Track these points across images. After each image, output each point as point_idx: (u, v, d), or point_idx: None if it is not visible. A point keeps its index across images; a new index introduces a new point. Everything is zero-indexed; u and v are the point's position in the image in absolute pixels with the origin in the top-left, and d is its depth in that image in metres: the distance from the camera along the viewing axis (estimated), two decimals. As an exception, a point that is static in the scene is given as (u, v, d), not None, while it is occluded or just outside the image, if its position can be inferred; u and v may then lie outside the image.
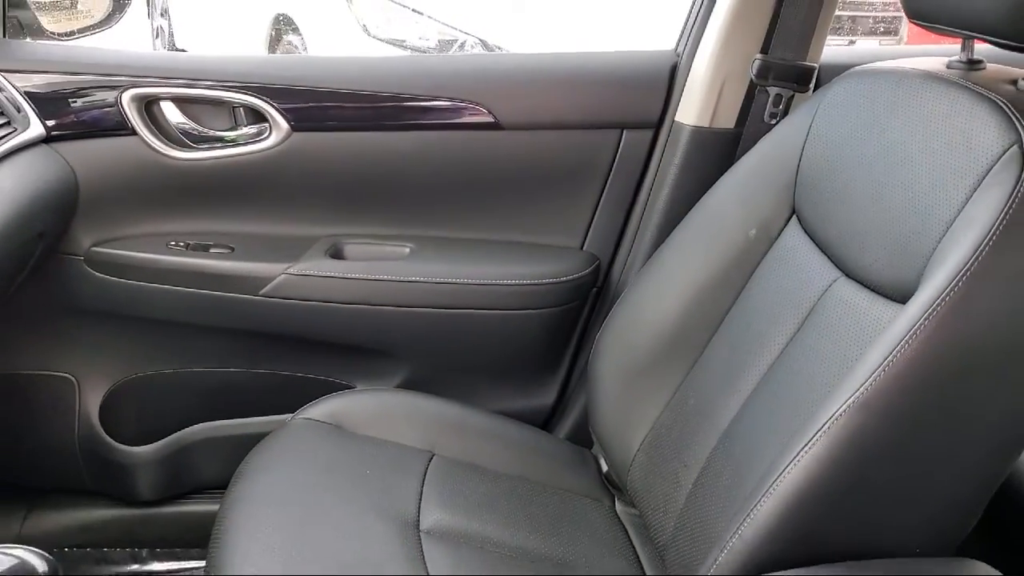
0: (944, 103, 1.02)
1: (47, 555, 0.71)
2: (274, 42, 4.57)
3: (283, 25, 4.44)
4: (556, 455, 1.49)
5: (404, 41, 4.00)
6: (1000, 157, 0.91)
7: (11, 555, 0.70)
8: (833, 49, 1.51)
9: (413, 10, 3.97)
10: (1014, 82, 1.02)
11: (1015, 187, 0.88)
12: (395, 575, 1.10)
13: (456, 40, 3.94)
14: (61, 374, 1.52)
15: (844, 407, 0.89)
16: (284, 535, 1.13)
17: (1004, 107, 0.95)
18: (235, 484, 1.23)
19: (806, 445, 0.91)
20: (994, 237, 0.87)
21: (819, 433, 0.90)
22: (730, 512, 1.01)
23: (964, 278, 0.87)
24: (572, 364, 1.62)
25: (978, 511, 0.98)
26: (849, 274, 1.10)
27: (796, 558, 0.91)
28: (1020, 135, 0.91)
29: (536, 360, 1.61)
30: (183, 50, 4.80)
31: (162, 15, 5.56)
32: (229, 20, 4.84)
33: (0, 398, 1.49)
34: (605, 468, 1.43)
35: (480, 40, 3.87)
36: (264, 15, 4.44)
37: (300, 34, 4.37)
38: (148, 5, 5.87)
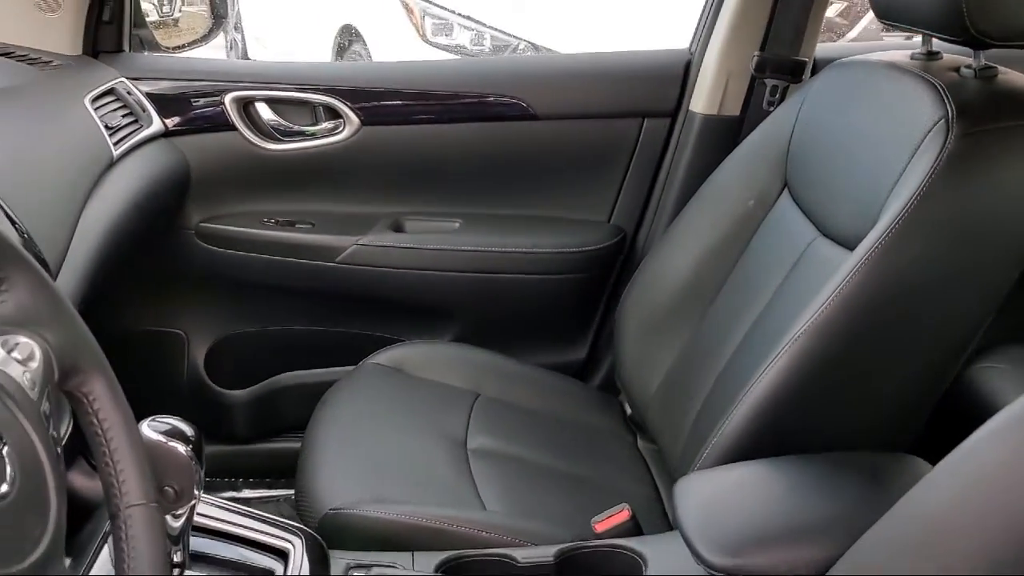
0: (897, 87, 1.24)
1: (193, 425, 0.97)
2: (340, 51, 4.81)
3: (349, 35, 4.70)
4: (586, 399, 1.73)
5: (460, 46, 4.18)
6: (931, 129, 1.13)
7: (165, 422, 0.96)
8: (827, 44, 1.72)
9: (467, 17, 4.18)
10: (957, 69, 1.23)
11: (938, 153, 1.10)
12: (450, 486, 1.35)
13: (508, 44, 4.15)
14: (174, 330, 1.82)
15: (801, 330, 1.13)
16: (358, 456, 1.39)
17: (939, 88, 1.16)
18: (316, 417, 1.49)
19: (771, 361, 1.15)
20: (920, 193, 1.09)
21: (781, 352, 1.14)
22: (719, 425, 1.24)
23: (895, 227, 1.10)
24: (602, 323, 1.85)
25: (919, 417, 1.19)
26: (825, 233, 1.31)
27: (762, 451, 1.14)
28: (947, 111, 1.12)
29: (569, 319, 1.85)
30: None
31: (235, 28, 5.91)
32: (298, 31, 5.12)
33: (123, 350, 1.80)
34: (628, 411, 1.66)
35: (530, 43, 4.08)
36: (331, 26, 4.67)
37: (364, 43, 4.61)
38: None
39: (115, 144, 1.51)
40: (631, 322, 1.61)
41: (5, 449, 0.58)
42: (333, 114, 1.73)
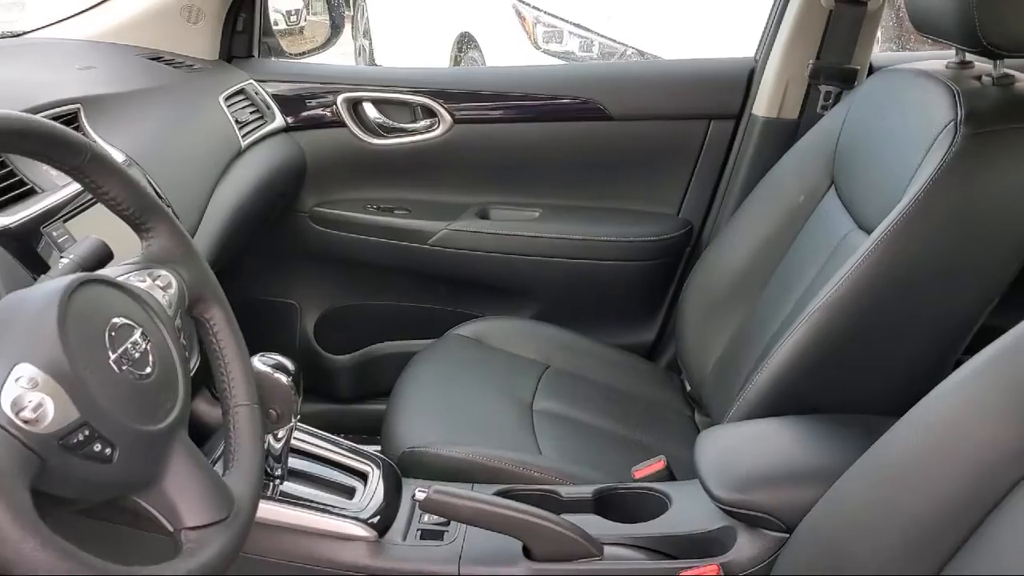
0: (922, 93, 1.36)
1: (295, 362, 1.19)
2: (458, 57, 5.05)
3: (466, 42, 4.93)
4: (649, 376, 1.88)
5: (569, 53, 4.30)
6: (943, 130, 1.25)
7: (272, 357, 1.17)
8: (886, 53, 1.83)
9: (577, 25, 4.30)
10: (979, 77, 1.35)
11: (947, 151, 1.22)
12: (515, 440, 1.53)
13: (616, 51, 4.29)
14: (289, 301, 2.07)
15: (817, 306, 1.27)
16: (435, 408, 1.59)
17: (955, 93, 1.28)
18: (403, 376, 1.70)
19: (791, 332, 1.29)
20: (928, 186, 1.22)
21: (798, 325, 1.28)
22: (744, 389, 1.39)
23: (903, 216, 1.23)
24: (670, 307, 2.00)
25: (928, 388, 1.30)
26: (859, 225, 1.44)
27: (778, 412, 1.29)
28: (957, 114, 1.24)
29: (639, 303, 2.01)
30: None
31: (364, 35, 6.24)
32: (419, 39, 5.40)
33: (244, 316, 2.07)
34: (688, 388, 1.81)
35: (637, 49, 4.21)
36: (450, 34, 4.91)
37: (479, 49, 4.84)
38: (353, 28, 6.60)
39: (243, 136, 1.76)
40: (692, 306, 1.76)
41: (149, 346, 0.81)
42: (429, 113, 1.95)
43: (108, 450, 0.72)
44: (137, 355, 0.78)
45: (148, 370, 0.79)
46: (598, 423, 1.63)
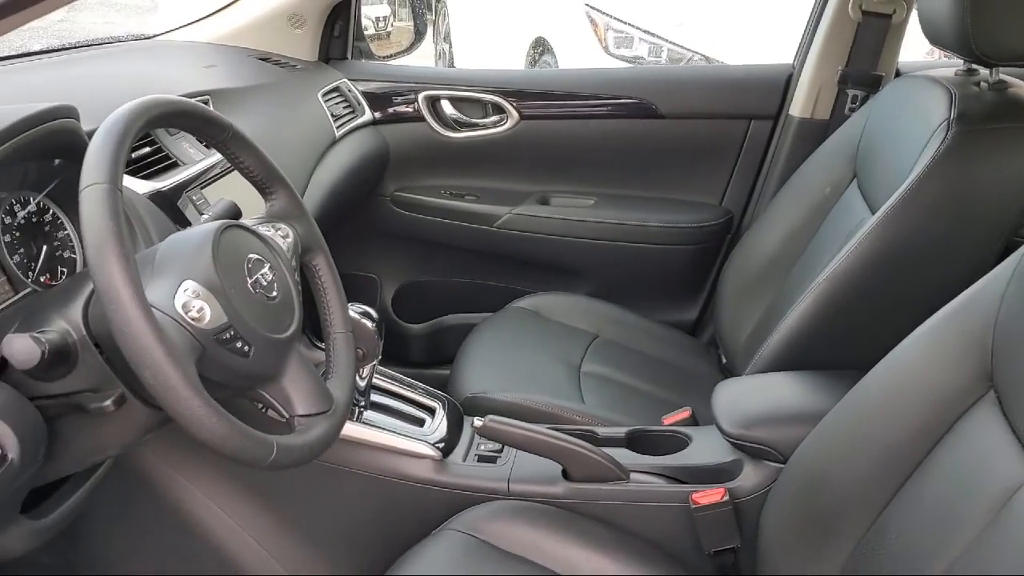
0: (927, 95, 1.55)
1: (377, 312, 1.44)
2: (533, 60, 5.26)
3: (541, 47, 5.15)
4: (690, 349, 2.09)
5: (639, 58, 4.48)
6: (937, 128, 1.44)
7: (360, 307, 1.42)
8: (914, 61, 2.01)
9: (647, 31, 4.46)
10: (978, 83, 1.53)
11: (938, 146, 1.41)
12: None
13: (683, 57, 4.46)
14: (370, 275, 2.34)
15: (824, 276, 1.47)
16: (494, 364, 1.82)
17: (952, 96, 1.47)
18: (468, 339, 1.93)
19: (800, 300, 1.49)
20: (920, 177, 1.41)
21: (808, 292, 1.49)
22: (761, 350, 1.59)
23: (899, 202, 1.42)
24: (712, 288, 2.20)
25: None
26: (872, 211, 1.63)
27: (788, 368, 1.49)
28: (949, 115, 1.43)
29: (684, 284, 2.22)
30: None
31: (445, 40, 6.52)
32: (497, 43, 5.64)
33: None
34: (724, 360, 2.01)
35: (703, 55, 4.38)
36: (526, 38, 5.13)
37: (553, 53, 5.05)
38: (434, 33, 6.90)
39: (337, 128, 2.03)
40: (729, 286, 1.96)
41: (275, 277, 1.06)
42: (499, 110, 2.19)
43: (246, 347, 0.97)
44: (266, 283, 1.04)
45: (274, 294, 1.04)
46: (637, 385, 1.84)
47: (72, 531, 1.47)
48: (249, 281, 1.01)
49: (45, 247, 1.16)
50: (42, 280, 1.15)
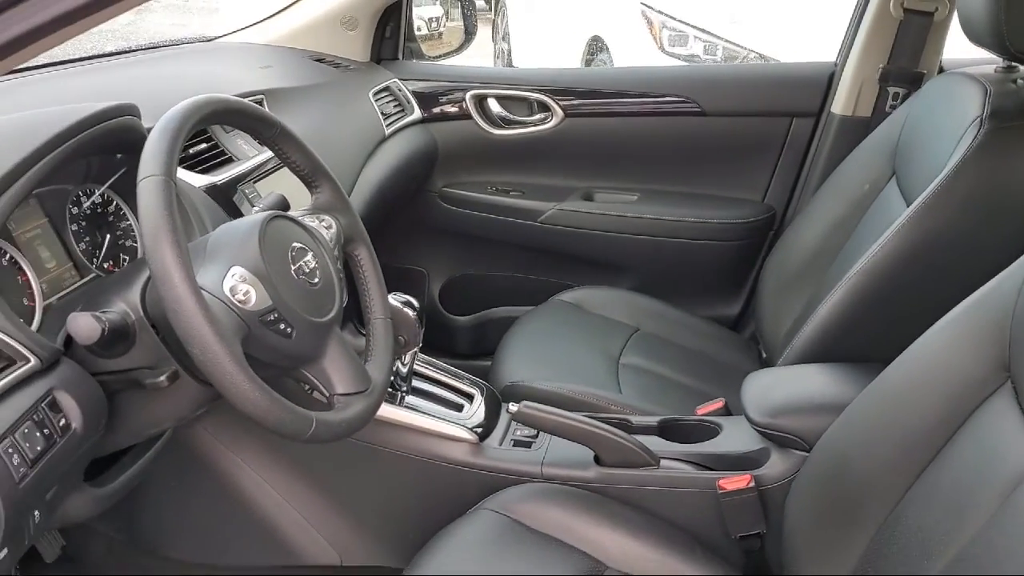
0: (964, 92, 1.56)
1: (417, 301, 1.50)
2: (588, 59, 5.30)
3: (596, 45, 5.18)
4: (731, 344, 2.11)
5: (694, 56, 4.44)
6: (971, 124, 1.46)
7: (401, 296, 1.49)
8: (957, 58, 2.01)
9: (702, 30, 4.44)
10: (1015, 80, 1.54)
11: (971, 143, 1.43)
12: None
13: (738, 55, 4.45)
14: (419, 268, 2.41)
15: (856, 270, 1.50)
16: (535, 354, 1.88)
17: (987, 93, 1.48)
18: (511, 330, 1.99)
19: (832, 293, 1.52)
20: (952, 172, 1.43)
21: (840, 285, 1.51)
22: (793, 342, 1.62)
23: (930, 197, 1.44)
24: (754, 285, 2.22)
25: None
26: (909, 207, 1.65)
27: (819, 360, 1.52)
28: (982, 112, 1.45)
29: (726, 279, 2.25)
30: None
31: (503, 39, 6.59)
32: (554, 42, 5.69)
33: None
34: (764, 355, 2.03)
35: (758, 54, 4.36)
36: (582, 37, 5.14)
37: (608, 52, 5.08)
38: (493, 33, 6.97)
39: (387, 125, 2.10)
40: (769, 282, 1.98)
41: (317, 265, 1.13)
42: (544, 108, 2.24)
43: (289, 329, 1.04)
44: (308, 270, 1.11)
45: (316, 280, 1.11)
46: (675, 377, 1.88)
47: (129, 504, 1.57)
48: (293, 268, 1.08)
49: (109, 236, 1.25)
50: (105, 267, 1.24)
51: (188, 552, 1.60)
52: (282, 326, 1.04)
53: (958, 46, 1.86)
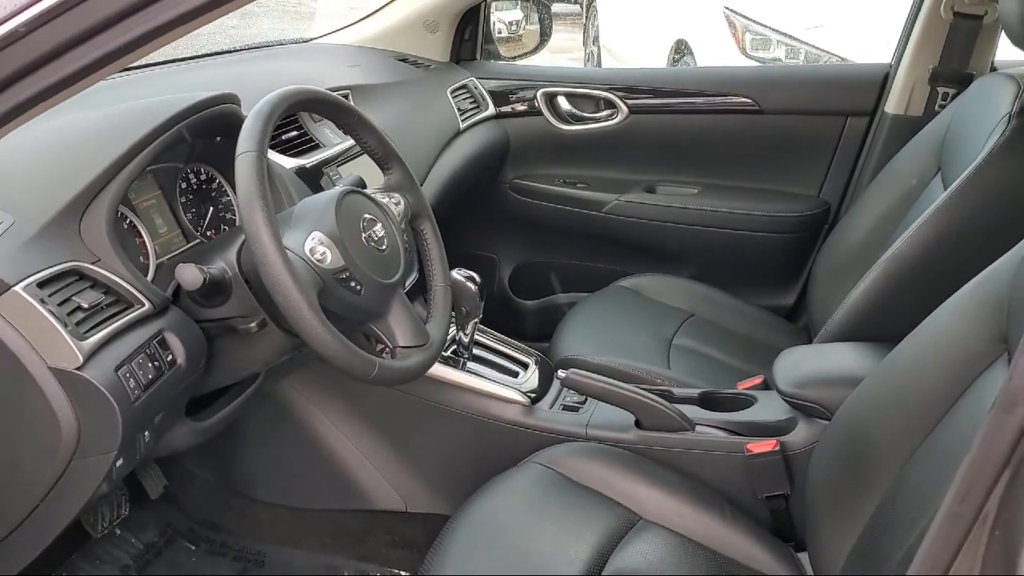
0: (1002, 90, 1.64)
1: (479, 276, 1.66)
2: (674, 61, 5.39)
3: (681, 48, 5.28)
4: (784, 332, 2.20)
5: (775, 59, 4.51)
6: (1001, 118, 1.54)
7: (464, 270, 1.65)
8: (1008, 60, 2.06)
9: (784, 34, 4.50)
10: None
11: (1000, 136, 1.51)
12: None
13: (820, 59, 4.49)
14: (490, 255, 2.58)
15: (887, 255, 1.60)
16: (592, 332, 2.01)
17: (1019, 90, 1.56)
18: (571, 311, 2.14)
19: (866, 277, 1.62)
20: (979, 165, 1.52)
21: (873, 270, 1.61)
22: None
23: (959, 188, 1.53)
24: (809, 276, 2.32)
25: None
26: None
27: (853, 338, 1.62)
28: (1012, 108, 1.53)
29: (781, 270, 2.34)
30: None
31: (594, 42, 6.74)
32: (641, 45, 5.80)
33: (453, 264, 2.58)
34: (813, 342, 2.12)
35: (840, 57, 4.39)
36: (668, 40, 5.28)
37: (693, 55, 5.17)
38: (584, 35, 7.12)
39: (462, 120, 2.28)
40: (821, 273, 2.08)
41: (385, 234, 1.30)
42: (610, 105, 2.38)
43: (358, 287, 1.22)
44: (377, 238, 1.28)
45: (383, 247, 1.29)
46: (723, 358, 1.99)
47: (224, 451, 1.79)
48: (363, 235, 1.26)
49: (212, 208, 1.45)
50: (208, 234, 1.44)
51: (274, 494, 1.80)
52: (352, 284, 1.21)
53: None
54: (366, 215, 1.28)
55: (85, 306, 1.07)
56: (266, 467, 1.81)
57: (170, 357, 1.17)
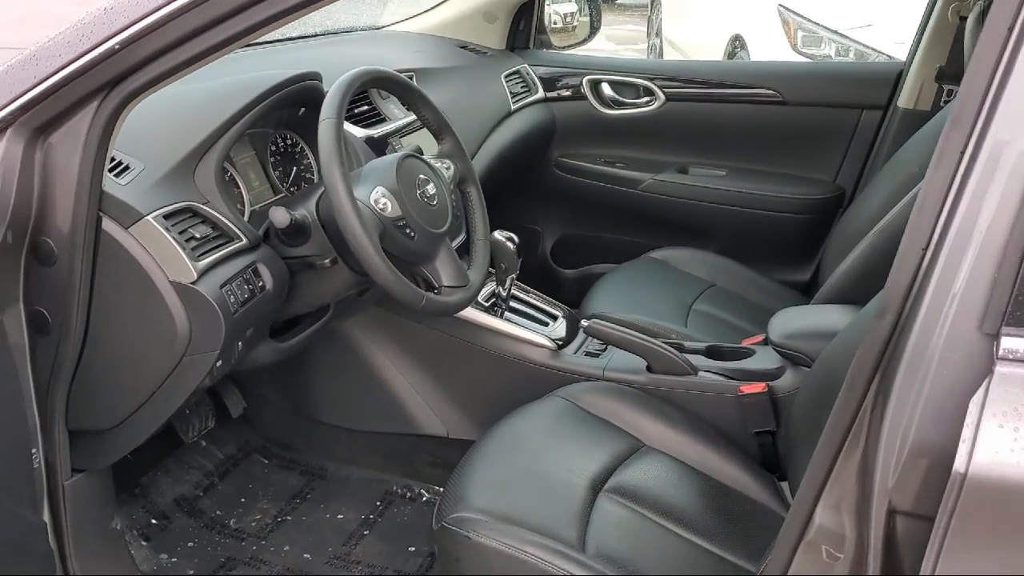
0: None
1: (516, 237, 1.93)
2: (730, 55, 5.56)
3: (736, 43, 5.44)
4: (796, 302, 2.41)
5: (826, 56, 4.60)
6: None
7: (503, 231, 1.92)
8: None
9: (835, 32, 4.61)
10: None
11: None
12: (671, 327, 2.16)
13: (869, 56, 4.63)
14: (535, 227, 2.84)
15: (877, 228, 1.81)
16: (617, 295, 2.25)
17: None
18: (602, 279, 2.38)
19: (856, 248, 1.85)
20: None
21: (864, 241, 1.83)
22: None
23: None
24: (823, 254, 2.53)
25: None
26: None
27: (841, 300, 1.84)
28: None
29: (799, 248, 2.55)
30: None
31: (656, 35, 6.92)
32: (700, 39, 5.96)
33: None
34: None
35: (888, 56, 4.53)
36: (725, 35, 5.36)
37: (747, 50, 5.33)
38: (648, 27, 7.30)
39: (513, 103, 2.53)
40: (831, 249, 2.30)
41: (436, 192, 1.57)
42: (648, 92, 2.62)
43: (412, 234, 1.49)
44: (429, 195, 1.55)
45: (434, 203, 1.56)
46: (737, 323, 2.22)
47: (295, 381, 2.09)
48: (418, 192, 1.53)
49: (295, 168, 1.74)
50: (292, 190, 1.73)
51: (336, 417, 2.10)
52: (407, 230, 1.49)
53: None
54: (421, 175, 1.56)
55: (198, 236, 1.36)
56: (330, 395, 2.10)
57: (261, 283, 1.45)
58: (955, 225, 0.86)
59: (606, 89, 2.67)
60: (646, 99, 2.63)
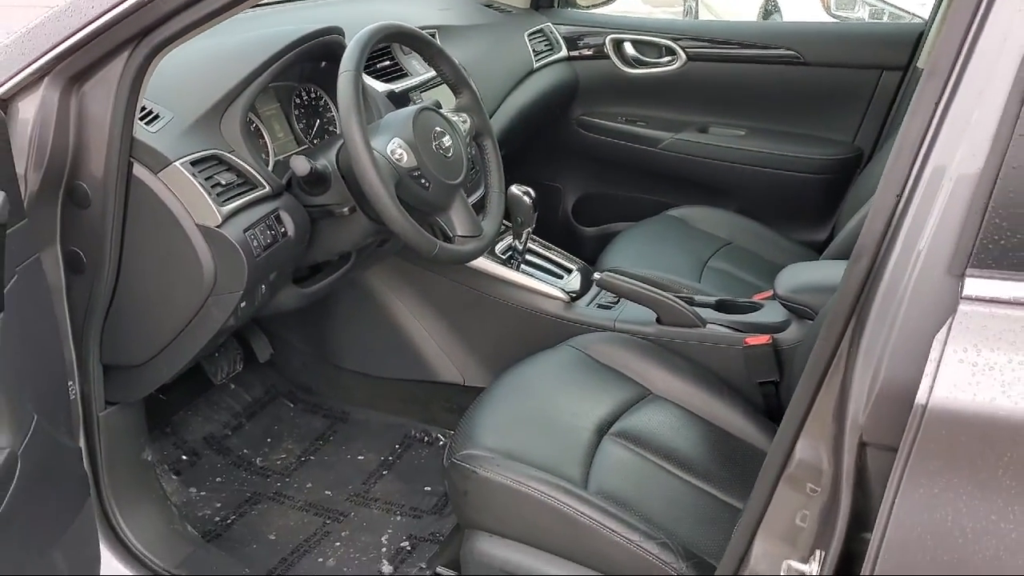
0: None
1: (534, 191, 1.99)
2: (764, 14, 5.53)
3: (770, 4, 5.41)
4: (810, 260, 2.47)
5: (860, 19, 4.72)
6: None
7: (520, 186, 1.98)
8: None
9: None
10: None
11: None
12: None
13: (903, 19, 4.59)
14: (556, 184, 2.89)
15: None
16: (634, 249, 2.30)
17: None
18: (621, 235, 2.43)
19: (865, 205, 1.88)
20: None
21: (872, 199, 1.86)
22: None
23: None
24: (840, 213, 2.56)
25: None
26: None
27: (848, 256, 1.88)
28: None
29: (816, 207, 2.58)
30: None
31: (692, -3, 6.87)
32: (735, 1, 5.93)
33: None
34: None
35: (922, 19, 4.47)
36: None
37: (780, 11, 5.30)
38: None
39: (536, 60, 2.58)
40: (850, 205, 2.33)
41: (452, 144, 1.63)
42: (670, 52, 2.65)
43: (427, 184, 1.55)
44: (444, 147, 1.61)
45: (450, 155, 1.62)
46: (749, 279, 2.27)
47: (319, 328, 2.17)
48: (433, 144, 1.59)
49: (318, 121, 1.80)
50: (314, 142, 1.80)
51: (358, 364, 2.18)
52: (423, 181, 1.55)
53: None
54: (437, 128, 1.61)
55: (223, 183, 1.44)
56: (352, 342, 2.18)
57: (283, 229, 1.53)
58: (927, 173, 0.90)
59: (628, 48, 2.70)
60: (668, 59, 2.66)
